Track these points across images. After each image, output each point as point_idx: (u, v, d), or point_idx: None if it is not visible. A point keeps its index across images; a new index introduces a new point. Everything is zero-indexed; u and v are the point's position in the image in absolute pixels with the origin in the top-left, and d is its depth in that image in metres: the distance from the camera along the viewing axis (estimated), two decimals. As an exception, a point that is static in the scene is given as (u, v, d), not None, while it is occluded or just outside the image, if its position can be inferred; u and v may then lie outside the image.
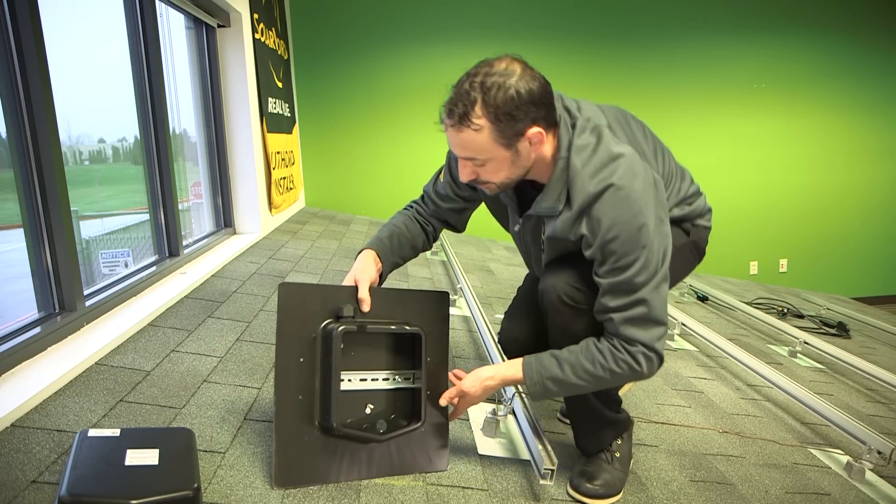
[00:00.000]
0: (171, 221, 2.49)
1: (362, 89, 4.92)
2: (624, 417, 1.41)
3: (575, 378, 1.19)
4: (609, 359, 1.17)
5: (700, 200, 1.40)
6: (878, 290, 6.07)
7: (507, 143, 1.10)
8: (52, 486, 1.04)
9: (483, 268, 3.60)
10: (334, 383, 1.19)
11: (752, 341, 2.87)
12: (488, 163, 1.13)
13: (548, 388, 1.21)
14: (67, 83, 1.77)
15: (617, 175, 1.10)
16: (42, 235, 1.61)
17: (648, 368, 1.17)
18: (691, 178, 1.41)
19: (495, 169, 1.15)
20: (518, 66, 1.07)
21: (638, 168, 1.12)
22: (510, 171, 1.15)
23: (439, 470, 1.30)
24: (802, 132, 5.66)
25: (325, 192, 5.05)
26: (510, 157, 1.12)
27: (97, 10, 2.38)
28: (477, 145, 1.10)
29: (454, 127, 1.10)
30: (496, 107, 1.05)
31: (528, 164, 1.16)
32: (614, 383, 1.21)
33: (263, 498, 1.11)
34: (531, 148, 1.13)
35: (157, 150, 2.43)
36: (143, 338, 1.75)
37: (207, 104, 3.14)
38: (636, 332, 1.15)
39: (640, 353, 1.16)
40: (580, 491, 1.31)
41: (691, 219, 1.39)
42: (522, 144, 1.11)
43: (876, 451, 1.60)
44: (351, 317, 1.23)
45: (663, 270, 1.14)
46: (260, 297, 2.27)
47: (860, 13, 5.50)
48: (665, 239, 1.15)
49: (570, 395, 1.26)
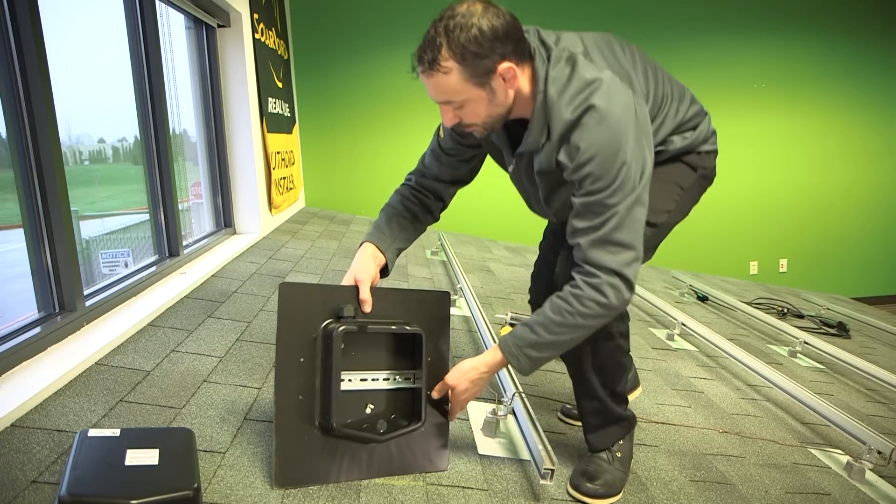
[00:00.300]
0: (171, 221, 2.49)
1: (362, 89, 4.92)
2: (630, 415, 1.42)
3: (550, 336, 1.18)
4: (574, 303, 1.15)
5: (703, 123, 1.35)
6: (878, 290, 6.07)
7: (479, 81, 1.10)
8: (52, 486, 1.04)
9: (483, 268, 3.60)
10: (334, 383, 1.18)
11: (752, 341, 2.87)
12: (466, 104, 1.14)
13: (530, 356, 1.20)
14: (67, 83, 1.77)
15: (592, 100, 1.10)
16: (42, 235, 1.61)
17: (617, 298, 1.14)
18: (692, 99, 1.35)
19: (474, 109, 1.15)
20: (479, 6, 1.07)
21: (615, 91, 1.11)
22: (489, 109, 1.15)
23: (440, 470, 1.30)
24: (802, 132, 5.66)
25: (325, 192, 5.05)
26: (486, 95, 1.12)
27: (97, 10, 2.38)
28: (450, 87, 1.11)
29: (425, 73, 1.11)
30: (461, 46, 1.06)
31: (508, 102, 1.15)
32: (593, 327, 1.18)
33: (263, 498, 1.11)
34: (506, 85, 1.12)
35: (157, 150, 2.43)
36: (143, 338, 1.75)
37: (207, 104, 3.14)
38: (603, 255, 1.13)
39: (604, 283, 1.13)
40: (580, 490, 1.31)
41: (695, 147, 1.34)
42: (496, 82, 1.11)
43: (876, 451, 1.60)
44: (351, 317, 1.23)
45: (637, 193, 1.12)
46: (260, 297, 2.27)
47: (860, 13, 5.51)
48: (643, 161, 1.13)
49: (558, 354, 1.24)
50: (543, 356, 1.22)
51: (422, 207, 1.45)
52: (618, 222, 1.12)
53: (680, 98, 1.33)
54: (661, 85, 1.29)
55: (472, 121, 1.18)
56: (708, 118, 1.38)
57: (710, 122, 1.39)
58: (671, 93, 1.31)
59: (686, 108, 1.33)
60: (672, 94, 1.31)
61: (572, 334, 1.18)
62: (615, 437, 1.38)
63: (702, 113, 1.37)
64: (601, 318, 1.17)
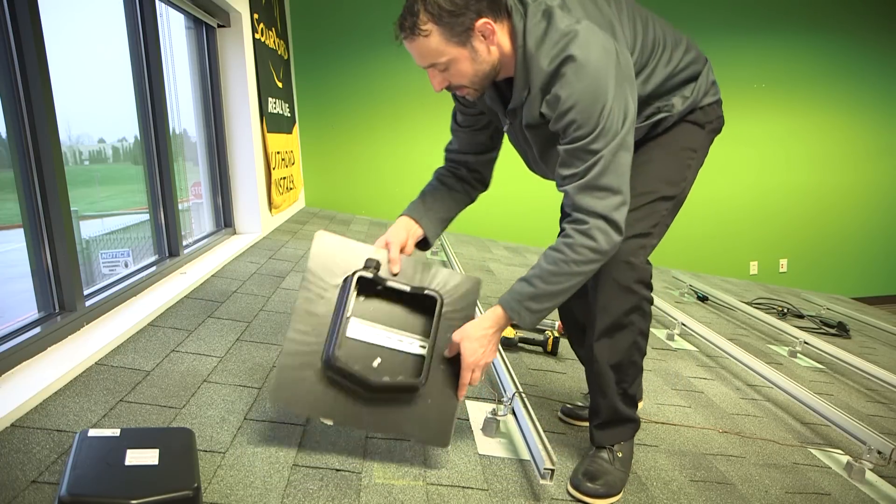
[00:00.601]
0: (171, 221, 2.49)
1: (362, 89, 4.92)
2: (637, 419, 1.42)
3: (547, 286, 1.20)
4: (567, 251, 1.17)
5: (703, 74, 1.34)
6: (878, 290, 6.07)
7: (459, 40, 1.14)
8: (52, 486, 1.04)
9: (483, 268, 3.60)
10: (342, 319, 1.24)
11: (752, 341, 2.87)
12: (450, 65, 1.18)
13: (531, 308, 1.22)
14: (67, 83, 1.77)
15: (569, 50, 1.11)
16: (42, 235, 1.61)
17: (606, 241, 1.16)
18: (688, 47, 1.34)
19: (458, 70, 1.18)
20: None
21: (592, 39, 1.12)
22: (473, 68, 1.18)
23: (441, 446, 1.29)
24: (802, 132, 5.66)
25: (325, 192, 5.05)
26: (468, 54, 1.16)
27: (97, 10, 2.38)
28: (432, 49, 1.15)
29: (407, 39, 1.16)
30: (437, 7, 1.11)
31: (492, 59, 1.18)
32: (587, 272, 1.19)
33: (263, 498, 1.11)
34: (486, 42, 1.16)
35: (157, 150, 2.43)
36: (143, 338, 1.75)
37: (207, 104, 3.14)
38: (590, 200, 1.15)
39: (593, 228, 1.15)
40: (581, 490, 1.31)
41: (697, 103, 1.34)
42: (476, 40, 1.15)
43: (876, 451, 1.60)
44: (374, 269, 1.28)
45: (621, 137, 1.14)
46: (260, 297, 2.27)
47: (860, 13, 5.51)
48: (625, 105, 1.14)
49: (557, 304, 1.25)
50: (543, 307, 1.23)
51: (455, 179, 1.50)
52: (603, 167, 1.14)
53: (674, 45, 1.32)
54: (651, 33, 1.29)
55: (460, 81, 1.21)
56: (707, 67, 1.37)
57: (711, 72, 1.37)
58: (662, 40, 1.30)
59: (680, 56, 1.31)
60: (664, 41, 1.30)
61: (568, 282, 1.20)
62: (620, 437, 1.38)
63: (700, 60, 1.35)
64: (593, 262, 1.19)
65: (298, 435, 1.34)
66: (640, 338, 1.35)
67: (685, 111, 1.32)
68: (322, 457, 1.27)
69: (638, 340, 1.34)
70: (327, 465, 1.25)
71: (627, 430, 1.40)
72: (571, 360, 2.15)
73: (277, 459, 1.23)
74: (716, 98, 1.37)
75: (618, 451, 1.37)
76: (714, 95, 1.37)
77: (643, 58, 1.26)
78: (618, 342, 1.32)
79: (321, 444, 1.32)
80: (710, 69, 1.38)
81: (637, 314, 1.31)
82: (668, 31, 1.33)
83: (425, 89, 3.08)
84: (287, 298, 2.30)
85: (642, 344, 1.36)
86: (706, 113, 1.36)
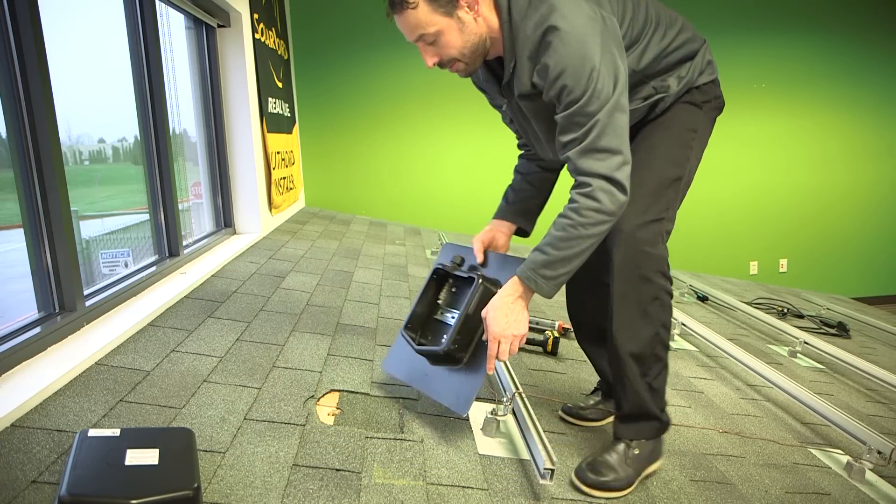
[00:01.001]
0: (171, 221, 2.49)
1: (362, 89, 4.92)
2: (664, 420, 1.39)
3: (559, 252, 1.22)
4: (573, 215, 1.20)
5: (699, 53, 1.35)
6: (878, 290, 6.07)
7: (445, 10, 1.20)
8: (52, 486, 1.04)
9: (483, 268, 3.60)
10: (419, 303, 1.52)
11: (752, 341, 2.87)
12: (438, 37, 1.22)
13: (546, 275, 1.24)
14: (67, 83, 1.77)
15: (551, 20, 1.14)
16: (42, 235, 1.61)
17: (611, 201, 1.17)
18: (683, 27, 1.35)
19: (447, 41, 1.23)
20: None
21: (574, 6, 1.15)
22: (462, 39, 1.23)
23: (459, 415, 1.47)
24: (802, 132, 5.66)
25: (325, 192, 5.05)
26: (455, 24, 1.21)
27: (97, 10, 2.38)
28: (420, 20, 1.20)
29: (397, 14, 1.22)
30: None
31: (480, 31, 1.23)
32: (595, 234, 1.21)
33: (263, 498, 1.11)
34: (473, 14, 1.21)
35: (157, 150, 2.43)
36: (143, 338, 1.75)
37: (207, 104, 3.14)
38: (592, 163, 1.17)
39: (596, 190, 1.17)
40: (579, 477, 1.32)
41: (693, 83, 1.35)
42: (462, 11, 1.20)
43: (876, 451, 1.60)
44: (456, 264, 1.51)
45: (615, 98, 1.15)
46: (260, 297, 2.27)
47: (860, 13, 5.51)
48: (615, 67, 1.15)
49: (572, 269, 1.25)
50: (559, 273, 1.24)
51: (526, 165, 1.56)
52: (601, 129, 1.16)
53: (668, 24, 1.33)
54: (644, 11, 1.30)
55: (450, 54, 1.24)
56: (705, 47, 1.37)
57: (708, 52, 1.38)
58: (655, 18, 1.32)
59: (675, 34, 1.33)
60: (657, 19, 1.32)
61: (579, 246, 1.21)
62: (641, 435, 1.36)
63: (696, 40, 1.36)
64: (601, 224, 1.20)
65: (298, 435, 1.34)
66: (661, 329, 1.34)
67: (681, 91, 1.33)
68: (322, 457, 1.27)
69: (660, 332, 1.33)
70: (327, 465, 1.25)
71: (651, 429, 1.37)
72: (571, 360, 2.15)
73: (277, 459, 1.24)
74: (712, 77, 1.37)
75: (635, 447, 1.36)
76: (711, 75, 1.37)
77: (634, 31, 1.27)
78: (639, 332, 1.32)
79: (321, 444, 1.32)
80: (707, 49, 1.38)
81: (656, 304, 1.31)
82: (663, 12, 1.34)
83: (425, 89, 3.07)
84: (287, 298, 2.31)
85: (664, 336, 1.35)
86: (703, 92, 1.36)
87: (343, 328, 2.08)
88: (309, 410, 1.47)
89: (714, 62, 1.39)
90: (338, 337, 1.99)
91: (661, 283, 1.31)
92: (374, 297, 2.50)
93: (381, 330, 2.12)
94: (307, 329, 2.01)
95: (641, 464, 1.37)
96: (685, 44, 1.33)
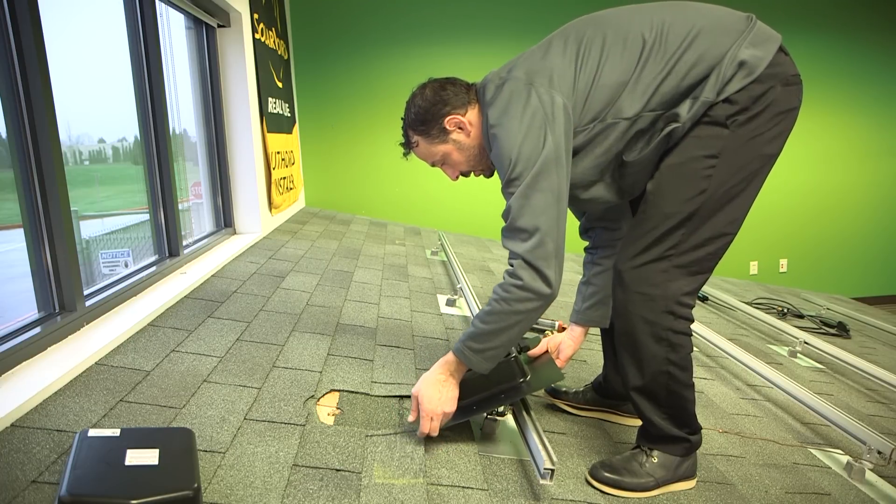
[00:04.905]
0: (171, 221, 2.49)
1: (362, 89, 4.92)
2: (694, 441, 1.37)
3: (485, 326, 1.28)
4: (500, 290, 1.26)
5: (720, 65, 1.14)
6: (878, 290, 6.07)
7: (441, 139, 1.37)
8: (52, 486, 1.05)
9: (483, 268, 3.60)
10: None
11: (752, 341, 2.87)
12: (446, 158, 1.40)
13: (472, 348, 1.30)
14: (67, 83, 1.77)
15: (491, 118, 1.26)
16: (42, 235, 1.61)
17: (532, 278, 1.21)
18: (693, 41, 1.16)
19: (454, 160, 1.40)
20: (417, 90, 1.39)
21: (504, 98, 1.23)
22: (464, 155, 1.39)
23: None
24: (802, 132, 5.61)
25: (325, 192, 5.05)
26: (453, 147, 1.38)
27: (97, 11, 2.38)
28: (427, 153, 1.41)
29: (410, 151, 1.45)
30: (413, 123, 1.39)
31: (477, 142, 1.36)
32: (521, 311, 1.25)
33: (263, 498, 1.11)
34: (463, 132, 1.36)
35: (157, 150, 2.43)
36: (143, 338, 1.75)
37: (207, 104, 3.14)
38: (512, 244, 1.24)
39: (518, 268, 1.22)
40: (591, 472, 1.35)
41: (713, 99, 1.15)
42: (453, 133, 1.36)
43: (876, 451, 1.60)
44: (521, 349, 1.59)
45: (528, 182, 1.20)
46: (260, 297, 2.27)
47: (860, 13, 5.51)
48: (535, 153, 1.19)
49: (501, 345, 1.30)
50: (486, 347, 1.29)
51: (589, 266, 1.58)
52: (517, 211, 1.22)
53: (671, 54, 1.17)
54: (631, 45, 1.19)
55: (463, 168, 1.42)
56: (730, 52, 1.14)
57: (740, 48, 1.14)
58: (651, 46, 1.18)
59: (674, 63, 1.17)
60: (652, 45, 1.18)
61: (504, 321, 1.27)
62: (665, 451, 1.36)
63: (717, 45, 1.15)
64: (526, 301, 1.24)
65: (298, 435, 1.34)
66: (672, 367, 1.29)
67: (697, 114, 1.17)
68: (322, 457, 1.27)
69: (670, 370, 1.29)
70: (327, 465, 1.25)
71: (674, 447, 1.36)
72: (571, 360, 2.15)
73: (277, 459, 1.24)
74: (744, 83, 1.14)
75: (654, 455, 1.35)
76: (745, 77, 1.14)
77: (613, 76, 1.20)
78: (642, 370, 1.32)
79: (321, 444, 1.32)
80: (740, 46, 1.15)
81: (663, 344, 1.28)
82: (674, 30, 1.18)
83: (425, 89, 2.91)
84: (287, 298, 2.31)
85: (677, 373, 1.30)
86: (732, 105, 1.16)
87: (343, 328, 2.08)
88: (309, 410, 1.47)
89: (755, 57, 1.15)
90: (338, 337, 1.99)
91: (667, 323, 1.26)
92: (374, 297, 2.50)
93: (381, 330, 2.11)
94: (307, 329, 2.01)
95: (663, 474, 1.34)
96: (698, 62, 1.16)
